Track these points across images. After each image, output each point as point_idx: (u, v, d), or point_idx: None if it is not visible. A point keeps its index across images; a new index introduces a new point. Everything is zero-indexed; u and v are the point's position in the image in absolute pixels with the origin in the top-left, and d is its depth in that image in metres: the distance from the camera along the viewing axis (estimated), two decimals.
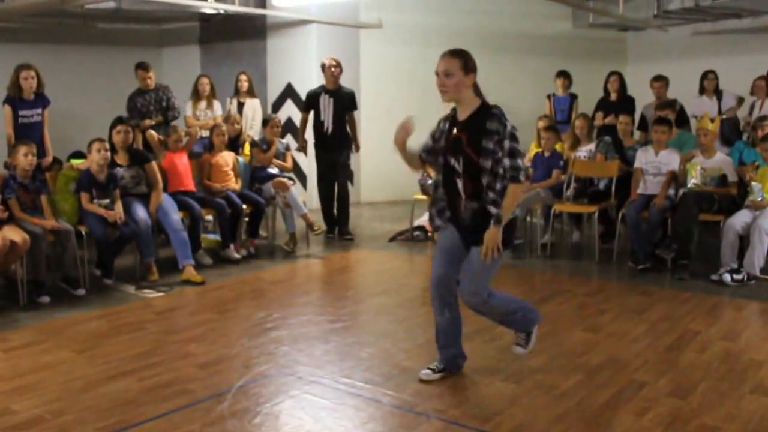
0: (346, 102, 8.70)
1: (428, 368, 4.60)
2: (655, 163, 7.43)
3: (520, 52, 11.68)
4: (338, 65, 8.65)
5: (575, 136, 8.31)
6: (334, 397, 4.31)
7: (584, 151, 8.17)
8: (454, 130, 4.20)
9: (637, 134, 8.77)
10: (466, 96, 4.18)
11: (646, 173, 7.45)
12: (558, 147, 8.25)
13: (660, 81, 9.02)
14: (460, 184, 4.21)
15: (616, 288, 6.80)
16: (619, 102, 9.28)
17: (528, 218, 8.11)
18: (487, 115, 4.11)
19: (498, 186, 4.10)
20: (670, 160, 7.38)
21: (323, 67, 8.67)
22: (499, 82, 11.47)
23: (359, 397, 4.31)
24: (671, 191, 7.30)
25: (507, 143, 4.06)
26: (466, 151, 4.12)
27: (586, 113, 8.86)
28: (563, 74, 9.84)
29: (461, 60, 4.13)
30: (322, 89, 8.70)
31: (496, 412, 4.09)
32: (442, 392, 4.37)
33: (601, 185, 8.11)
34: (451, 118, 4.27)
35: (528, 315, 4.56)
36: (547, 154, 8.14)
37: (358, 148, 9.00)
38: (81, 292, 6.37)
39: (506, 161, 4.06)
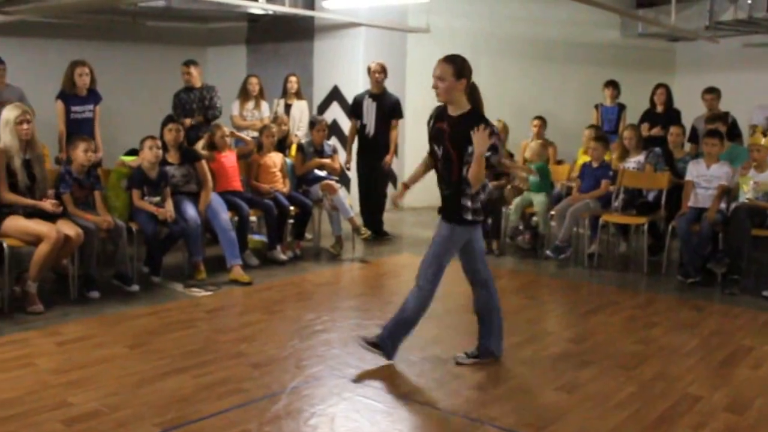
0: (388, 108, 8.69)
1: (464, 352, 5.00)
2: (706, 176, 7.35)
3: (567, 61, 11.62)
4: (383, 70, 8.66)
5: (623, 147, 8.23)
6: (388, 401, 4.30)
7: (633, 162, 8.09)
8: (441, 123, 4.60)
9: (687, 146, 8.67)
10: (458, 99, 4.53)
11: (698, 186, 7.36)
12: (606, 157, 8.17)
13: (712, 93, 8.92)
14: (439, 168, 4.70)
15: (665, 301, 6.71)
16: (665, 114, 9.19)
17: (575, 228, 8.04)
18: (473, 119, 4.47)
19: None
20: (722, 173, 7.29)
21: (369, 71, 8.68)
22: (544, 90, 11.47)
23: (413, 402, 4.30)
24: (723, 205, 7.21)
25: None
26: (445, 143, 4.54)
27: (634, 124, 8.78)
28: (612, 84, 9.76)
29: (454, 67, 4.48)
30: (367, 94, 8.71)
31: (551, 422, 4.06)
32: (495, 400, 4.35)
33: (650, 197, 8.03)
34: (442, 111, 4.65)
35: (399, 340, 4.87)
36: (595, 164, 8.06)
37: (389, 161, 8.89)
38: (135, 288, 6.41)
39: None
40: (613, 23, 11.69)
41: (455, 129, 4.51)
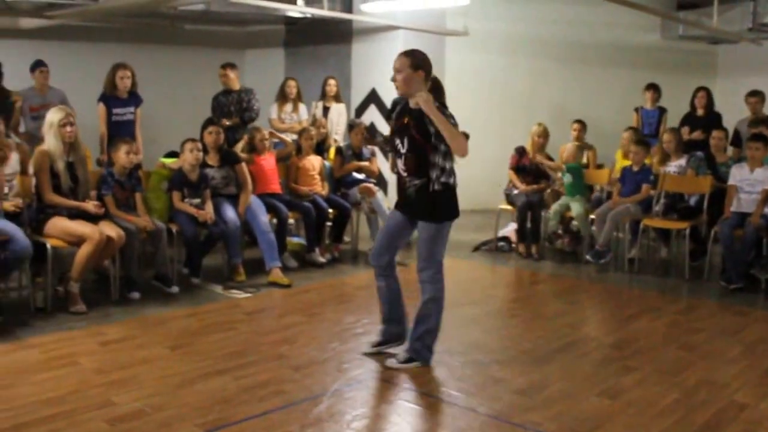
0: None
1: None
2: (750, 180, 7.23)
3: (607, 64, 11.52)
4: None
5: (664, 151, 8.13)
6: (430, 405, 4.28)
7: (674, 166, 7.99)
8: (405, 118, 4.77)
9: (730, 150, 8.54)
10: (417, 91, 4.67)
11: (741, 191, 7.25)
12: (647, 161, 8.08)
13: (756, 96, 8.79)
14: (400, 163, 4.81)
15: (708, 307, 6.62)
16: (705, 117, 9.08)
17: (615, 233, 7.95)
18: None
19: (440, 161, 4.69)
20: (766, 177, 7.17)
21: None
22: (584, 94, 11.38)
23: (455, 406, 4.27)
24: (767, 210, 7.09)
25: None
26: (412, 133, 4.69)
27: (675, 128, 8.68)
28: (652, 87, 9.64)
29: (410, 59, 4.70)
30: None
31: (594, 428, 4.01)
32: (537, 405, 4.30)
33: (692, 201, 7.92)
34: (404, 107, 4.84)
35: (425, 351, 4.89)
36: (635, 168, 7.97)
37: None
38: (174, 290, 6.45)
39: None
40: (654, 26, 11.56)
41: (418, 120, 4.68)
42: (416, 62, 4.70)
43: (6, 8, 8.46)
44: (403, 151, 4.78)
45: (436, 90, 4.82)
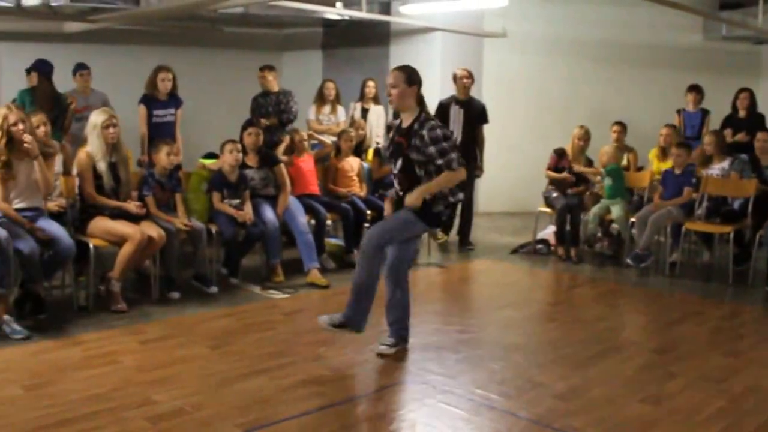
0: (476, 114, 8.60)
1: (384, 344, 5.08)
2: None
3: (648, 65, 11.37)
4: (470, 76, 8.56)
5: (705, 153, 8.01)
6: (470, 408, 4.24)
7: (717, 168, 7.87)
8: (397, 136, 4.94)
9: None
10: (410, 105, 4.88)
11: None
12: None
13: None
14: (396, 182, 4.98)
15: (752, 312, 6.51)
16: (747, 119, 8.94)
17: (656, 236, 7.85)
18: (421, 122, 4.80)
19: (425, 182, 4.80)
20: None
21: (455, 77, 8.59)
22: (624, 95, 11.26)
23: (494, 410, 4.23)
24: None
25: (432, 149, 4.71)
26: (405, 153, 4.81)
27: (717, 130, 8.55)
28: (695, 89, 9.49)
29: (405, 74, 4.86)
30: (453, 100, 8.63)
31: None
32: (578, 410, 4.24)
33: (736, 205, 7.79)
34: (397, 126, 5.01)
35: (364, 316, 5.04)
36: (678, 171, 7.86)
37: (481, 172, 8.85)
38: (214, 290, 6.48)
39: (438, 161, 4.74)
40: (696, 26, 11.39)
41: (410, 138, 4.81)
42: (411, 77, 4.87)
43: (51, 13, 8.57)
44: (395, 171, 4.97)
45: (421, 103, 4.96)
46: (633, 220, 7.88)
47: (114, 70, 9.77)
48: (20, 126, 5.45)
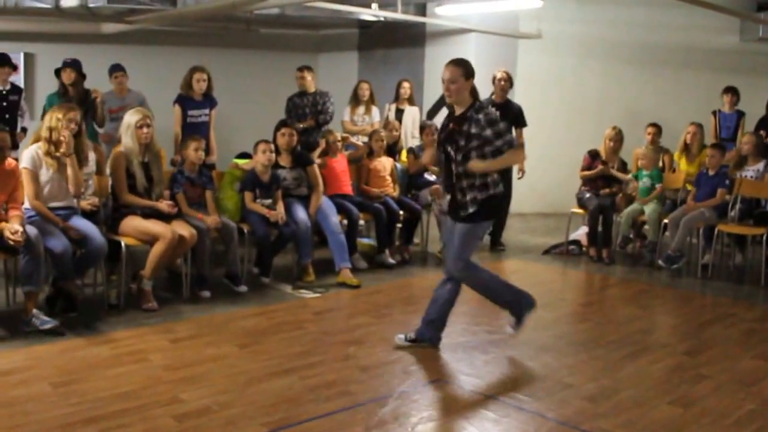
0: (512, 117, 8.51)
1: (402, 334, 5.28)
2: None
3: (683, 66, 11.23)
4: (509, 79, 8.52)
5: (741, 155, 7.90)
6: (498, 409, 4.22)
7: (751, 170, 7.76)
8: (451, 124, 5.02)
9: None
10: (466, 98, 4.95)
11: None
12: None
13: None
14: (453, 167, 5.00)
15: None
16: None
17: (688, 238, 7.75)
18: (476, 109, 4.91)
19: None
20: None
21: (493, 79, 8.54)
22: (659, 97, 11.13)
23: (523, 411, 4.20)
24: None
25: (488, 131, 4.84)
26: (457, 139, 4.91)
27: (755, 132, 8.43)
28: (731, 90, 9.38)
29: (462, 68, 4.92)
30: (490, 102, 8.59)
31: None
32: (607, 411, 4.21)
33: None
34: (450, 114, 5.10)
35: (521, 300, 5.27)
36: (711, 172, 7.76)
37: (522, 173, 8.85)
38: (243, 288, 6.52)
39: (497, 142, 4.87)
40: (732, 27, 11.22)
41: (464, 124, 4.91)
42: (468, 71, 4.93)
43: (90, 14, 8.69)
44: (455, 158, 4.99)
45: (474, 92, 5.02)
46: (665, 221, 7.78)
47: (150, 70, 9.89)
48: (73, 126, 5.59)
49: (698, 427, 4.04)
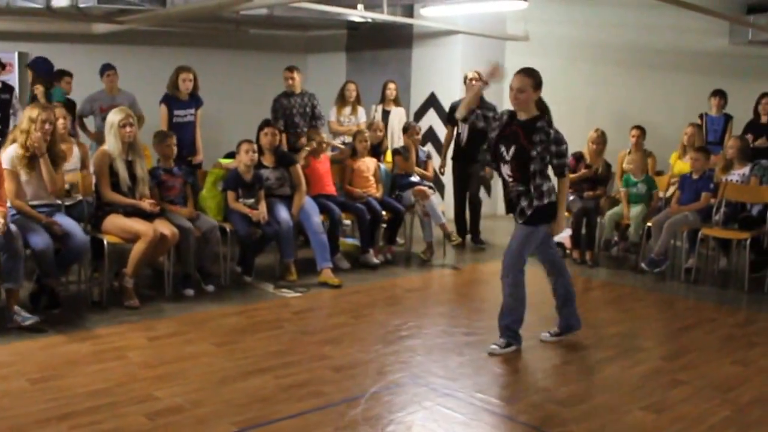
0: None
1: (548, 332, 5.58)
2: None
3: (671, 69, 11.24)
4: (480, 78, 8.57)
5: (727, 159, 7.94)
6: (469, 412, 4.24)
7: (737, 174, 7.78)
8: (512, 126, 5.11)
9: None
10: (531, 107, 5.09)
11: None
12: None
13: None
14: (505, 168, 5.16)
15: (767, 320, 6.42)
16: None
17: (672, 241, 7.79)
18: (547, 122, 5.09)
19: (539, 177, 5.07)
20: None
21: (465, 79, 8.63)
22: (647, 99, 11.14)
23: (494, 415, 4.23)
24: None
25: (553, 147, 5.02)
26: (521, 142, 5.03)
27: (741, 135, 8.46)
28: (718, 93, 9.42)
29: (533, 79, 5.04)
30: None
31: None
32: (578, 416, 4.22)
33: (754, 211, 7.70)
34: (512, 115, 5.17)
35: (516, 333, 5.32)
36: (695, 176, 7.79)
37: (492, 172, 8.91)
38: (210, 288, 6.56)
39: (554, 161, 5.06)
40: (721, 30, 11.22)
41: (528, 131, 5.05)
42: (537, 82, 5.06)
43: (80, 14, 8.71)
44: (507, 158, 5.12)
45: (542, 105, 5.17)
46: (649, 224, 7.82)
47: (141, 70, 9.91)
48: (47, 126, 5.62)
49: None
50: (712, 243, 8.14)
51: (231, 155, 7.87)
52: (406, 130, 8.49)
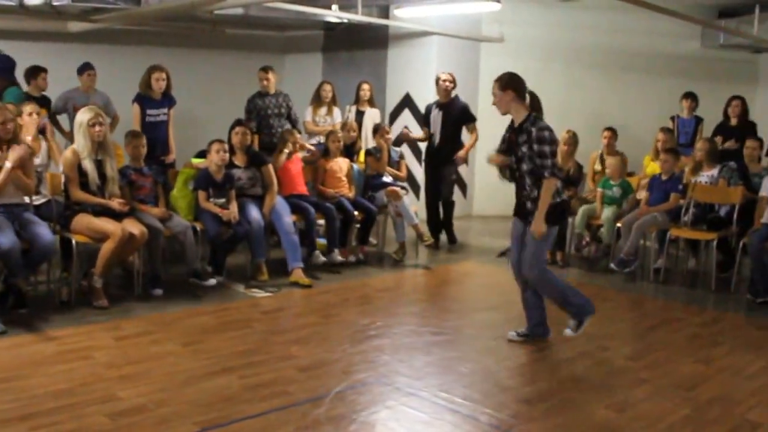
0: (456, 115, 8.68)
1: (515, 331, 5.60)
2: None
3: (644, 71, 11.36)
4: (452, 80, 8.65)
5: (697, 160, 8.01)
6: (432, 412, 4.26)
7: (706, 176, 7.84)
8: (511, 134, 5.31)
9: (766, 161, 8.37)
10: (515, 109, 5.20)
11: None
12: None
13: None
14: (520, 172, 5.30)
15: (732, 320, 6.50)
16: (739, 127, 8.96)
17: (642, 242, 7.86)
18: (531, 121, 5.14)
19: (531, 179, 5.21)
20: None
21: (437, 80, 8.69)
22: (620, 101, 11.25)
23: (457, 414, 4.25)
24: None
25: (535, 146, 5.08)
26: (516, 149, 5.22)
27: (710, 138, 8.55)
28: (690, 96, 9.52)
29: (498, 82, 5.22)
30: (435, 103, 8.77)
31: None
32: (541, 415, 4.26)
33: (722, 212, 7.77)
34: (511, 123, 5.33)
35: (585, 305, 5.44)
36: (664, 177, 7.86)
37: (462, 161, 9.02)
38: (212, 282, 6.67)
39: (537, 160, 5.11)
40: (693, 34, 11.35)
41: (520, 135, 5.18)
42: (503, 84, 5.20)
43: (54, 12, 8.67)
44: (515, 164, 5.30)
45: (534, 102, 5.27)
46: (619, 225, 7.87)
47: (116, 70, 9.84)
48: (8, 126, 5.59)
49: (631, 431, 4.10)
50: (682, 243, 8.23)
51: (202, 154, 7.87)
52: (376, 131, 8.52)
